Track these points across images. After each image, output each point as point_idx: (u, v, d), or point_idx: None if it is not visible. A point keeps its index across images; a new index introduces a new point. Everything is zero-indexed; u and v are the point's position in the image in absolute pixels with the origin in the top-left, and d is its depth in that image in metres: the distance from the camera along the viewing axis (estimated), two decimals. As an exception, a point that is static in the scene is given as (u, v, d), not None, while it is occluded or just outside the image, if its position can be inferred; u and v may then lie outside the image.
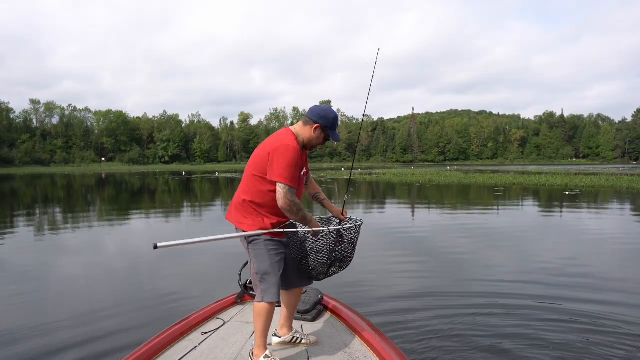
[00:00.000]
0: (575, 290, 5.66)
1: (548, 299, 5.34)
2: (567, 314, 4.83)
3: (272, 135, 2.79)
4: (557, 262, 7.28)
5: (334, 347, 2.97)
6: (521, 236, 9.83)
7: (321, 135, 2.76)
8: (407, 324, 4.61)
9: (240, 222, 2.70)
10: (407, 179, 35.59)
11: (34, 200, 21.64)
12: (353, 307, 3.66)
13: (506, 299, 5.35)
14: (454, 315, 4.83)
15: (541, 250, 8.37)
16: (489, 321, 4.67)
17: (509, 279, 6.28)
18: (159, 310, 5.10)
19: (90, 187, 33.06)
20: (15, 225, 12.56)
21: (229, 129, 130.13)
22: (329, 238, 2.71)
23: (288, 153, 2.57)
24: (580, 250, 8.37)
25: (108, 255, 8.54)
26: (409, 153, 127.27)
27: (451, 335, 4.32)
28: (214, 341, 3.04)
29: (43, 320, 4.76)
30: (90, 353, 3.95)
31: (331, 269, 2.82)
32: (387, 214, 14.47)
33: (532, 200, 18.76)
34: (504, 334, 4.30)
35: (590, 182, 26.77)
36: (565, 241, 9.29)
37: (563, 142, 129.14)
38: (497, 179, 31.35)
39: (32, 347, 4.06)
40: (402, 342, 4.08)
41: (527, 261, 7.43)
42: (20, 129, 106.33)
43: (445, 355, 3.89)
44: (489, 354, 3.90)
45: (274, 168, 2.56)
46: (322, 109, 2.76)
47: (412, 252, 8.28)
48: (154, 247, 2.17)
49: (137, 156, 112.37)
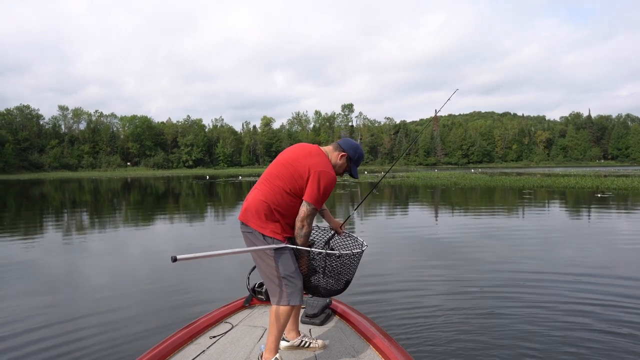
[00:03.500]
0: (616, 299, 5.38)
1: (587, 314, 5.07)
2: (606, 322, 4.56)
3: (308, 150, 2.79)
4: (606, 269, 6.96)
5: (342, 351, 2.95)
6: (556, 240, 9.47)
7: (344, 164, 2.88)
8: (419, 329, 4.52)
9: (262, 226, 2.66)
10: (432, 182, 35.14)
11: (62, 204, 22.05)
12: (364, 312, 3.63)
13: (535, 309, 5.10)
14: (471, 323, 4.67)
15: (581, 256, 8.03)
16: (510, 329, 4.47)
17: (545, 286, 6.01)
18: (166, 316, 5.06)
19: (117, 192, 33.58)
20: (45, 228, 12.76)
21: (251, 133, 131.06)
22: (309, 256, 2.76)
23: (329, 181, 2.68)
24: (620, 256, 7.99)
25: (124, 259, 8.53)
26: (432, 156, 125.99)
27: (466, 341, 4.17)
28: (222, 345, 3.04)
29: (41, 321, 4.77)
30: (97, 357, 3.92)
31: (312, 282, 2.83)
32: (416, 217, 14.21)
33: (563, 204, 18.20)
34: (527, 346, 4.08)
35: (623, 184, 25.89)
36: (606, 247, 8.91)
37: (590, 144, 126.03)
38: (524, 182, 30.64)
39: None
40: (414, 348, 4.00)
41: (575, 265, 7.13)
42: (49, 135, 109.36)
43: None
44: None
45: (312, 189, 2.65)
46: (355, 144, 2.92)
47: (438, 257, 8.04)
48: (172, 260, 2.10)
49: (162, 160, 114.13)
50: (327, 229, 3.26)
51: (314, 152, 2.77)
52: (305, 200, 2.64)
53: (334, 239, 3.24)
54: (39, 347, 4.20)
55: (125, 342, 4.26)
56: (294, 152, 2.78)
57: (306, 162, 2.68)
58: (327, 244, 3.19)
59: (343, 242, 3.24)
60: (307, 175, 2.64)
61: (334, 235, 3.22)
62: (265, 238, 2.65)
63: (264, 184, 2.72)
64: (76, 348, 4.14)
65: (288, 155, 2.76)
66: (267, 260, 2.66)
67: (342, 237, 3.25)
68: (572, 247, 8.78)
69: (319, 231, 3.27)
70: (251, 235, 2.69)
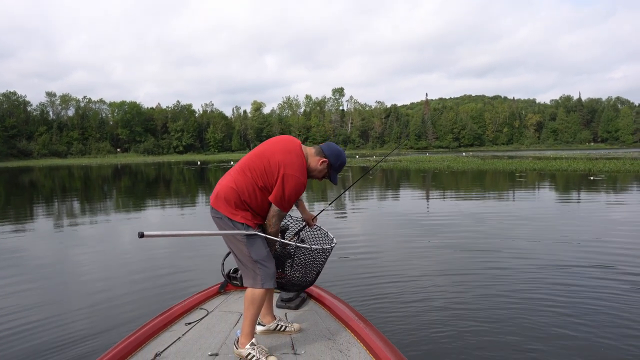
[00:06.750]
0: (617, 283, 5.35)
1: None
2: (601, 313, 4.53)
3: (287, 147, 2.74)
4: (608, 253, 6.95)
5: (318, 334, 2.98)
6: (560, 224, 9.47)
7: (324, 170, 2.82)
8: (394, 312, 4.58)
9: (233, 213, 2.66)
10: (424, 165, 35.18)
11: (52, 192, 21.76)
12: (340, 295, 3.68)
13: (514, 294, 5.07)
14: (445, 306, 4.73)
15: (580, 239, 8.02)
16: (482, 313, 4.47)
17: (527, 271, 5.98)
18: (140, 304, 5.04)
19: (107, 178, 33.25)
20: (34, 216, 12.56)
21: (242, 118, 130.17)
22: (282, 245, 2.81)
23: (298, 187, 2.65)
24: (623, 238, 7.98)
25: (114, 245, 8.45)
26: (423, 139, 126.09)
27: (440, 328, 4.18)
28: (198, 331, 3.05)
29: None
30: (74, 348, 3.86)
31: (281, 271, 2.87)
32: (408, 201, 14.18)
33: (557, 187, 18.27)
34: (504, 331, 4.06)
35: (615, 166, 26.07)
36: (605, 229, 8.90)
37: (581, 127, 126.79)
38: (516, 165, 30.77)
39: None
40: (388, 328, 4.07)
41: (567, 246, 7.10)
42: (37, 122, 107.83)
43: (432, 348, 3.79)
44: (476, 347, 3.64)
45: (277, 191, 2.64)
46: (338, 150, 2.84)
47: (428, 239, 8.00)
48: (139, 235, 2.06)
49: (152, 146, 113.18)
50: (299, 219, 3.26)
51: (293, 150, 2.72)
52: (272, 202, 2.66)
53: (304, 230, 3.25)
54: (19, 330, 4.23)
55: (109, 329, 4.26)
56: (273, 145, 2.75)
57: (280, 160, 2.65)
58: (297, 235, 3.21)
59: (313, 234, 3.26)
60: (277, 173, 2.63)
61: (305, 227, 3.23)
62: (235, 224, 2.65)
63: (238, 172, 2.71)
64: (57, 335, 4.14)
65: (266, 148, 2.74)
66: (239, 245, 2.66)
67: (313, 230, 3.26)
68: (586, 231, 8.76)
69: (291, 221, 3.28)
70: (221, 221, 2.69)
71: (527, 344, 3.80)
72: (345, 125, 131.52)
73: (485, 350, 3.72)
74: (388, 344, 2.66)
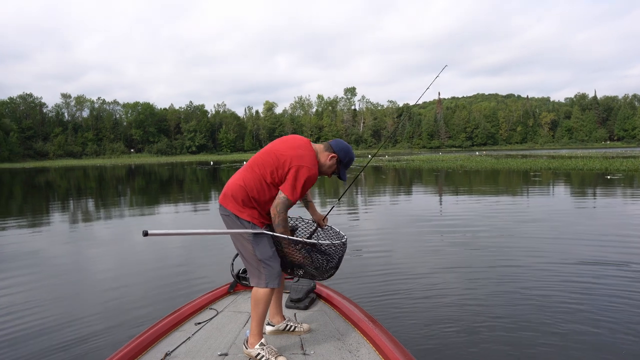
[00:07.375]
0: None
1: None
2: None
3: (296, 143, 2.78)
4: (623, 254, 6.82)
5: (327, 334, 2.98)
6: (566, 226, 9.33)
7: (333, 166, 2.84)
8: (404, 308, 4.55)
9: (240, 210, 2.69)
10: (437, 164, 34.96)
11: (67, 192, 22.03)
12: (349, 296, 3.66)
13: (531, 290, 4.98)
14: (456, 302, 4.70)
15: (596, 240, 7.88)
16: (495, 310, 4.39)
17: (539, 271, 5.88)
18: (150, 301, 5.06)
19: (121, 178, 33.58)
20: (50, 215, 12.72)
21: (254, 118, 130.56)
22: (296, 247, 2.74)
23: (308, 178, 2.67)
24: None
25: (120, 243, 8.47)
26: (436, 139, 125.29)
27: (451, 324, 4.15)
28: (207, 331, 3.07)
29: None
30: (85, 345, 3.88)
31: (299, 271, 2.85)
32: (420, 200, 14.08)
33: (573, 186, 18.01)
34: (518, 327, 3.99)
35: (632, 165, 25.61)
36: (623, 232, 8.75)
37: (596, 125, 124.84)
38: (530, 164, 30.40)
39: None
40: (400, 330, 4.00)
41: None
42: (53, 123, 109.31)
43: (442, 345, 3.75)
44: (490, 347, 3.58)
45: (289, 182, 2.64)
46: (346, 146, 2.87)
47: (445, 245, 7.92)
48: (143, 234, 2.08)
49: (165, 147, 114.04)
50: (310, 221, 3.28)
51: (303, 146, 2.75)
52: (281, 190, 2.66)
53: (317, 232, 3.26)
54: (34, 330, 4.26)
55: (119, 325, 4.31)
56: (283, 143, 2.78)
57: (290, 155, 2.68)
58: (310, 238, 3.21)
59: (326, 234, 3.26)
60: (288, 167, 2.65)
61: (317, 229, 3.24)
62: (242, 221, 2.67)
63: (247, 170, 2.74)
64: (68, 333, 4.16)
65: (276, 145, 2.78)
66: (244, 243, 2.68)
67: (325, 230, 3.26)
68: (602, 229, 8.61)
69: (302, 224, 3.29)
70: (228, 219, 2.71)
71: (541, 339, 3.76)
72: (357, 124, 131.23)
73: (498, 344, 3.70)
74: (397, 345, 2.66)
